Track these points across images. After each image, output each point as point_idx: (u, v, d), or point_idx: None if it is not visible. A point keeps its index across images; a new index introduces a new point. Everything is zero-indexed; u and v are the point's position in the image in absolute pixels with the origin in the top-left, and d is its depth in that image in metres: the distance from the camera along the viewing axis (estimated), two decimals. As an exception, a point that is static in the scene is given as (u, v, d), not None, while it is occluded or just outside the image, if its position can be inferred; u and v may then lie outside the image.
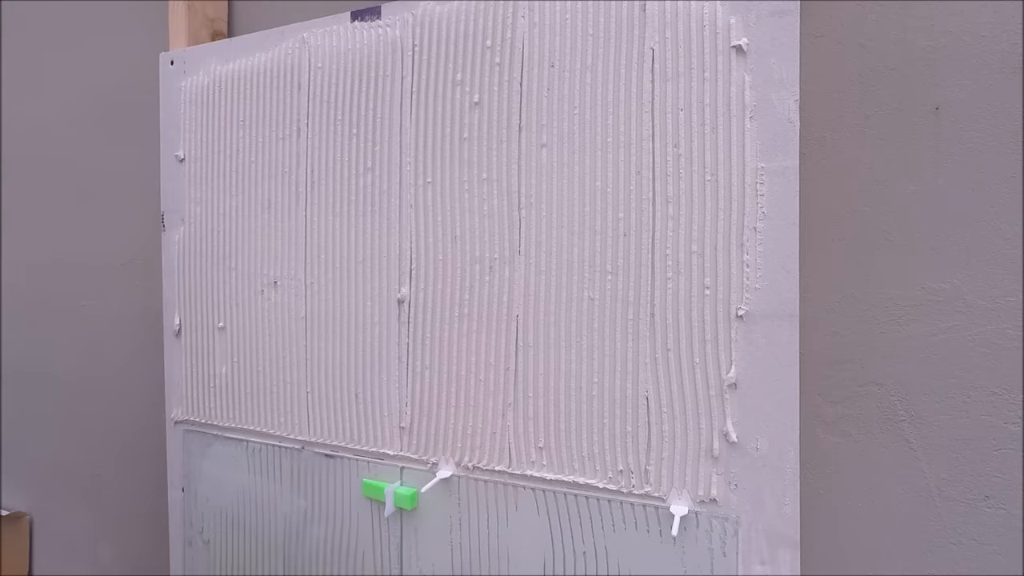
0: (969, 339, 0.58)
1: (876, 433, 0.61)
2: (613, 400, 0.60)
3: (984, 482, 0.58)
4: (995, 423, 0.57)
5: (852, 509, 0.62)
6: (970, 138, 0.58)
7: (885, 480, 0.61)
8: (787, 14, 0.53)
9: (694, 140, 0.57)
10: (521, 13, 0.63)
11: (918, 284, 0.60)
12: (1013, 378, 0.57)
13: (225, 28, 0.95)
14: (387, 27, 0.70)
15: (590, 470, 0.61)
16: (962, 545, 0.59)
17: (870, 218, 0.61)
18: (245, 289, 0.79)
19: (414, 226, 0.68)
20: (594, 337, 0.61)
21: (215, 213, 0.81)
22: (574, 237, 0.61)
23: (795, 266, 0.53)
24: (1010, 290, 0.57)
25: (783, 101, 0.54)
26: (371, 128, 0.71)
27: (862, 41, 0.61)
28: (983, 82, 0.57)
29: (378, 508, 0.70)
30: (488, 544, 0.65)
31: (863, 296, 0.61)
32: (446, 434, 0.67)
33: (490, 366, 0.65)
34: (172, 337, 0.85)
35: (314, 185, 0.74)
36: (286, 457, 0.77)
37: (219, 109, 0.81)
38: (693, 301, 0.57)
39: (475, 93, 0.65)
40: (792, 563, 0.54)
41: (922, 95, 0.59)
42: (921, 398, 0.60)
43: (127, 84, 1.06)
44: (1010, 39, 0.56)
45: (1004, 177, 0.57)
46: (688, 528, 0.57)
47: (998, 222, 0.57)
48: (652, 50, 0.58)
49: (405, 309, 0.69)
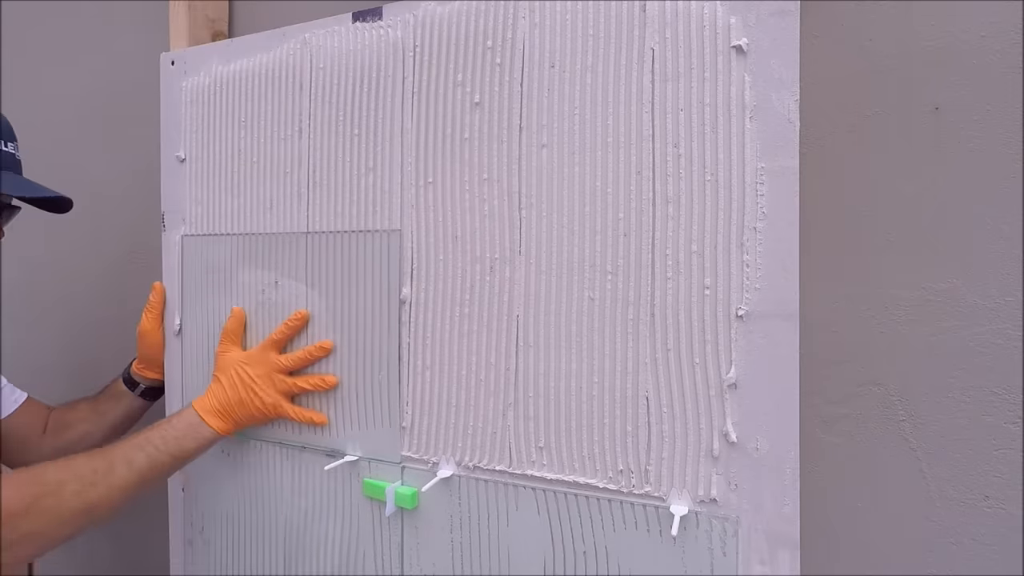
0: (969, 339, 0.58)
1: (876, 433, 0.61)
2: (613, 400, 0.60)
3: (984, 482, 0.58)
4: (995, 423, 0.57)
5: (852, 509, 0.62)
6: (970, 138, 0.58)
7: (885, 480, 0.61)
8: (787, 14, 0.53)
9: (694, 140, 0.57)
10: (522, 14, 0.63)
11: (918, 284, 0.60)
12: (1013, 378, 0.57)
13: (226, 28, 0.96)
14: (388, 28, 0.70)
15: (590, 470, 0.61)
16: (962, 545, 0.59)
17: (870, 218, 0.61)
18: (247, 289, 0.79)
19: (415, 226, 0.69)
20: (594, 337, 0.61)
21: (216, 213, 0.81)
22: (574, 237, 0.61)
23: (795, 266, 0.53)
24: (1010, 290, 0.57)
25: (783, 101, 0.54)
26: (372, 128, 0.71)
27: (862, 41, 0.61)
28: (983, 82, 0.57)
29: (379, 507, 0.71)
30: (488, 543, 0.65)
31: (863, 296, 0.61)
32: (447, 434, 0.67)
33: (491, 366, 0.65)
34: (172, 337, 0.85)
35: (316, 185, 0.74)
36: (287, 457, 0.77)
37: (220, 109, 0.81)
38: (693, 301, 0.57)
39: (476, 93, 0.65)
40: (792, 563, 0.54)
41: (922, 95, 0.59)
42: (921, 398, 0.60)
43: (127, 84, 1.06)
44: (1010, 39, 0.56)
45: (1004, 177, 0.57)
46: (688, 528, 0.57)
47: (998, 222, 0.57)
48: (652, 50, 0.58)
49: (406, 309, 0.69)
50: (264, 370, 0.74)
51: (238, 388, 0.73)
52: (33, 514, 0.59)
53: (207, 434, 0.72)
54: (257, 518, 0.79)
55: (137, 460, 0.67)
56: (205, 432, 0.72)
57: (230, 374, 0.74)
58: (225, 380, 0.74)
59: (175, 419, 0.72)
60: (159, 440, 0.69)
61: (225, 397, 0.73)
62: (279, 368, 0.74)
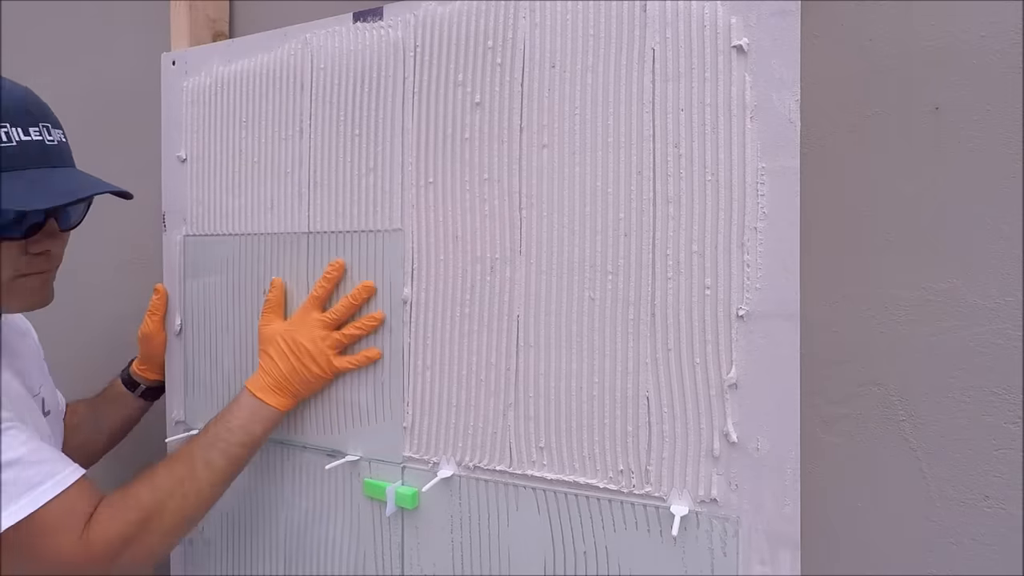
0: (969, 339, 0.58)
1: (876, 433, 0.61)
2: (614, 400, 0.60)
3: (984, 482, 0.58)
4: (995, 423, 0.58)
5: (852, 509, 0.62)
6: (970, 138, 0.58)
7: (885, 480, 0.61)
8: (788, 14, 0.53)
9: (695, 140, 0.57)
10: (522, 14, 0.63)
11: (918, 284, 0.60)
12: (1013, 378, 0.57)
13: (226, 29, 0.96)
14: (389, 28, 0.70)
15: (591, 470, 0.61)
16: (962, 545, 0.59)
17: (870, 218, 0.61)
18: (247, 289, 0.79)
19: (415, 226, 0.69)
20: (595, 337, 0.61)
21: (217, 213, 0.81)
22: (575, 237, 0.61)
23: (795, 266, 0.54)
24: (1010, 290, 0.57)
25: (783, 101, 0.54)
26: (373, 128, 0.71)
27: (862, 41, 0.61)
28: (983, 82, 0.57)
29: (379, 507, 0.71)
30: (489, 543, 0.65)
31: (863, 296, 0.61)
32: (447, 434, 0.67)
33: (491, 366, 0.65)
34: (173, 337, 0.85)
35: (316, 185, 0.74)
36: (287, 457, 0.77)
37: (221, 109, 0.81)
38: (694, 301, 0.57)
39: (476, 94, 0.65)
40: (792, 563, 0.54)
41: (922, 95, 0.59)
42: (921, 398, 0.60)
43: (128, 84, 1.06)
44: (1010, 39, 0.56)
45: (1004, 177, 0.57)
46: (688, 528, 0.57)
47: (998, 222, 0.57)
48: (653, 50, 0.58)
49: (406, 309, 0.69)
50: (309, 332, 0.71)
51: (288, 358, 0.71)
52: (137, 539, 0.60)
53: (270, 414, 0.70)
54: (257, 518, 0.79)
55: (214, 459, 0.67)
56: (267, 412, 0.70)
57: (277, 345, 0.71)
58: (274, 351, 0.71)
59: (234, 407, 0.70)
60: (226, 433, 0.68)
61: (277, 370, 0.71)
62: (324, 325, 0.71)
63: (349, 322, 0.71)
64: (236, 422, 0.69)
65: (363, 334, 0.71)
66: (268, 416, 0.70)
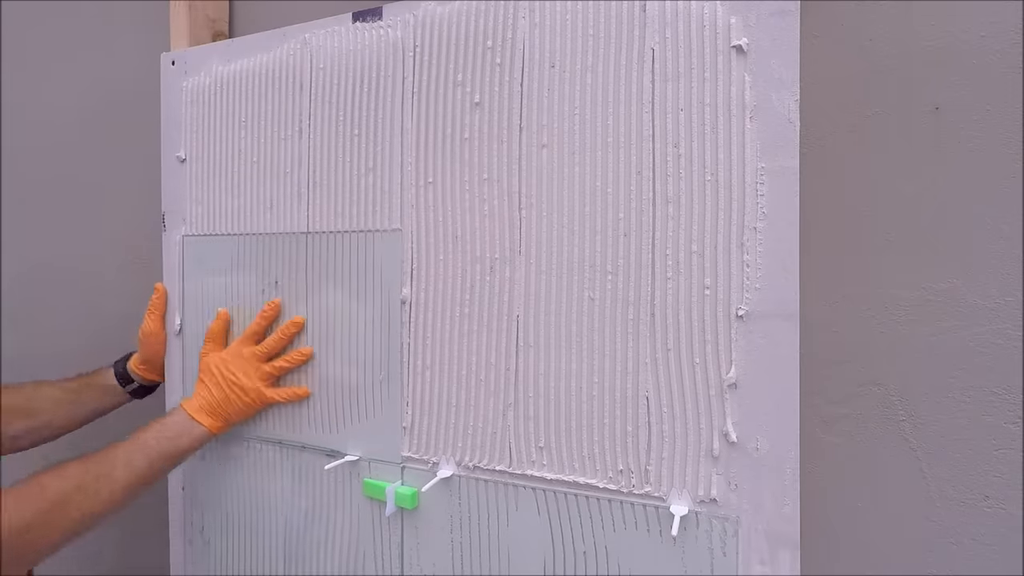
0: (969, 339, 0.58)
1: (876, 433, 0.61)
2: (613, 400, 0.60)
3: (984, 482, 0.58)
4: (995, 423, 0.58)
5: (852, 509, 0.62)
6: (970, 138, 0.58)
7: (885, 480, 0.61)
8: (787, 14, 0.53)
9: (694, 140, 0.57)
10: (522, 14, 0.63)
11: (918, 284, 0.60)
12: (1013, 378, 0.57)
13: (226, 28, 0.96)
14: (388, 28, 0.70)
15: (590, 470, 0.61)
16: (962, 545, 0.59)
17: (870, 218, 0.61)
18: (246, 289, 0.79)
19: (415, 226, 0.69)
20: (594, 337, 0.61)
21: (216, 213, 0.81)
22: (574, 237, 0.61)
23: (795, 266, 0.53)
24: (1010, 290, 0.57)
25: (783, 101, 0.54)
26: (372, 128, 0.71)
27: (862, 41, 0.61)
28: (983, 82, 0.57)
29: (379, 507, 0.71)
30: (488, 543, 0.65)
31: (863, 296, 0.61)
32: (447, 434, 0.67)
33: (491, 366, 0.65)
34: (173, 337, 0.85)
35: (316, 185, 0.74)
36: (287, 457, 0.77)
37: (220, 109, 0.81)
38: (693, 301, 0.57)
39: (476, 94, 0.65)
40: (792, 563, 0.54)
41: (922, 95, 0.59)
42: (921, 398, 0.60)
43: (128, 84, 1.06)
44: (1010, 39, 0.56)
45: (1004, 177, 0.57)
46: (688, 528, 0.57)
47: (998, 222, 0.57)
48: (652, 50, 0.58)
49: (406, 309, 0.69)
50: (242, 363, 0.75)
51: (222, 387, 0.75)
52: (38, 528, 0.60)
53: (200, 433, 0.73)
54: (257, 518, 0.79)
55: (136, 462, 0.68)
56: (198, 431, 0.73)
57: (212, 373, 0.76)
58: (208, 380, 0.76)
59: (168, 420, 0.73)
60: (154, 441, 0.70)
61: (211, 397, 0.74)
62: (256, 357, 0.75)
63: (280, 355, 0.75)
64: (167, 433, 0.71)
65: (292, 367, 0.75)
66: (198, 435, 0.73)
